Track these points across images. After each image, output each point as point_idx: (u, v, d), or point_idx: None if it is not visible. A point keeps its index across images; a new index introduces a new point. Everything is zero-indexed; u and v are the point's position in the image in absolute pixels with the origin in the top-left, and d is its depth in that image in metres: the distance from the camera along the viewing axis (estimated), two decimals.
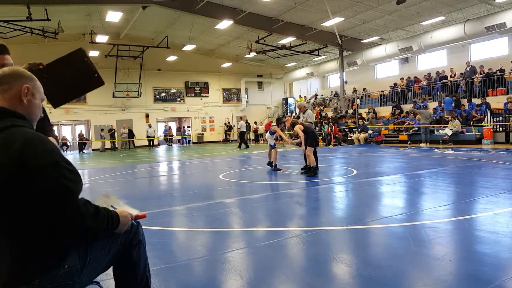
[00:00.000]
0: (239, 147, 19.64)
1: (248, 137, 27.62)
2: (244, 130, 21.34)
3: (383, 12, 17.91)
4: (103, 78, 2.48)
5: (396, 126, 18.58)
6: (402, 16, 18.41)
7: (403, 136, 17.57)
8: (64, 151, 21.86)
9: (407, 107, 19.30)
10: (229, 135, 28.22)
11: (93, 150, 24.04)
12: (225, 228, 4.32)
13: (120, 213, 1.67)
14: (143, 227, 1.94)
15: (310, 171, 8.05)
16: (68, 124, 24.37)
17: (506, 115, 14.33)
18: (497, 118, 14.86)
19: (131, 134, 24.54)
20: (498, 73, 16.43)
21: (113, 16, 16.75)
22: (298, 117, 9.06)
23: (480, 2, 16.09)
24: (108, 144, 23.77)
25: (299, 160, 11.24)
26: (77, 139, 23.34)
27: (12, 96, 1.48)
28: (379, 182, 7.19)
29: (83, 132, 24.69)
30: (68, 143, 23.39)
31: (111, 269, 1.87)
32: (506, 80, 16.11)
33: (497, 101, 15.47)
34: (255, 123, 26.79)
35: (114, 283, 1.88)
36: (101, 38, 19.60)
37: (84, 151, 22.75)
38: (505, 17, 15.41)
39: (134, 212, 1.85)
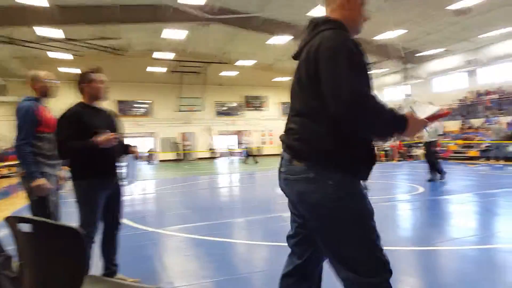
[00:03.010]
0: (252, 162, 19.36)
1: None
2: (252, 145, 21.17)
3: (447, 24, 16.93)
4: (168, 92, 2.75)
5: (465, 141, 17.29)
6: (466, 27, 17.26)
7: (473, 152, 16.28)
8: (148, 162, 23.26)
9: (476, 122, 17.91)
10: None
11: (159, 161, 25.44)
12: (285, 242, 4.33)
13: (409, 117, 1.49)
14: (204, 237, 2.02)
15: None
16: (134, 136, 26.07)
17: None
18: None
19: None
20: None
21: (177, 33, 17.87)
22: None
23: None
24: (170, 156, 25.02)
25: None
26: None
27: (336, 10, 1.63)
28: (447, 201, 6.74)
29: (151, 145, 26.31)
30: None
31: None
32: None
33: None
34: None
35: None
36: (166, 55, 20.92)
37: (153, 162, 24.17)
38: None
39: (433, 110, 1.60)
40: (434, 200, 6.82)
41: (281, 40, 18.42)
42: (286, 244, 1.79)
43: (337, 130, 1.45)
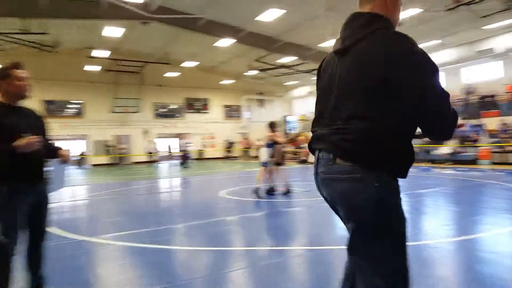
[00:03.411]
0: (184, 166, 18.64)
1: (250, 154, 27.54)
2: (188, 149, 20.16)
3: None
4: (102, 93, 2.53)
5: None
6: None
7: None
8: (79, 167, 21.70)
9: None
10: (230, 152, 28.25)
11: (91, 165, 23.91)
12: (226, 247, 4.28)
13: None
14: (141, 245, 1.90)
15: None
16: (64, 139, 24.21)
17: (501, 137, 14.66)
18: (493, 139, 15.08)
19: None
20: (491, 95, 16.93)
21: (113, 31, 17.01)
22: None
23: (472, 28, 16.49)
24: (104, 160, 23.71)
25: (299, 179, 11.22)
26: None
27: (380, 4, 1.58)
28: None
29: (82, 148, 24.69)
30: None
31: None
32: (499, 102, 16.61)
33: (490, 123, 16.01)
34: (258, 140, 26.61)
35: None
36: (101, 53, 19.81)
37: (85, 166, 22.72)
38: (493, 43, 16.68)
39: None
40: None
41: (225, 42, 18.40)
42: (227, 248, 1.71)
43: (394, 133, 1.46)
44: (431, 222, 5.23)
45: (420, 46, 1.47)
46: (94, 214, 6.98)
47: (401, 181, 1.60)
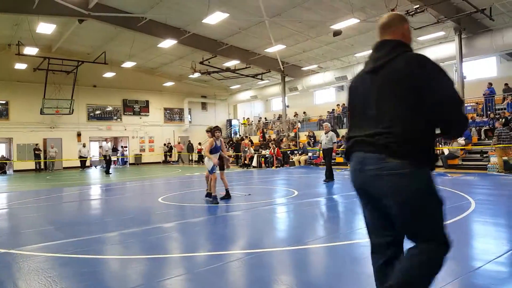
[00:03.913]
0: (107, 172, 17.42)
1: (191, 158, 27.00)
2: (110, 153, 18.47)
3: (321, 43, 19.01)
4: (31, 93, 2.29)
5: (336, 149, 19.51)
6: (338, 47, 19.68)
7: (340, 159, 18.44)
8: None
9: (343, 131, 20.42)
10: (170, 156, 27.47)
11: (14, 171, 21.86)
12: (163, 254, 4.12)
13: None
14: (70, 255, 1.76)
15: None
16: None
17: None
18: None
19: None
20: None
21: (45, 27, 15.77)
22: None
23: None
24: (32, 165, 21.83)
25: (241, 183, 11.24)
26: None
27: (400, 34, 2.02)
28: (317, 203, 7.42)
29: (4, 152, 22.50)
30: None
31: None
32: None
33: None
34: (199, 144, 26.16)
35: None
36: (30, 50, 18.26)
37: (6, 172, 20.75)
38: (426, 53, 17.63)
39: None
40: (306, 202, 7.42)
41: (167, 43, 17.88)
42: (164, 255, 1.63)
43: (426, 133, 1.83)
44: (363, 222, 5.51)
45: (359, 55, 1.94)
46: (15, 224, 6.37)
47: (337, 184, 1.70)
